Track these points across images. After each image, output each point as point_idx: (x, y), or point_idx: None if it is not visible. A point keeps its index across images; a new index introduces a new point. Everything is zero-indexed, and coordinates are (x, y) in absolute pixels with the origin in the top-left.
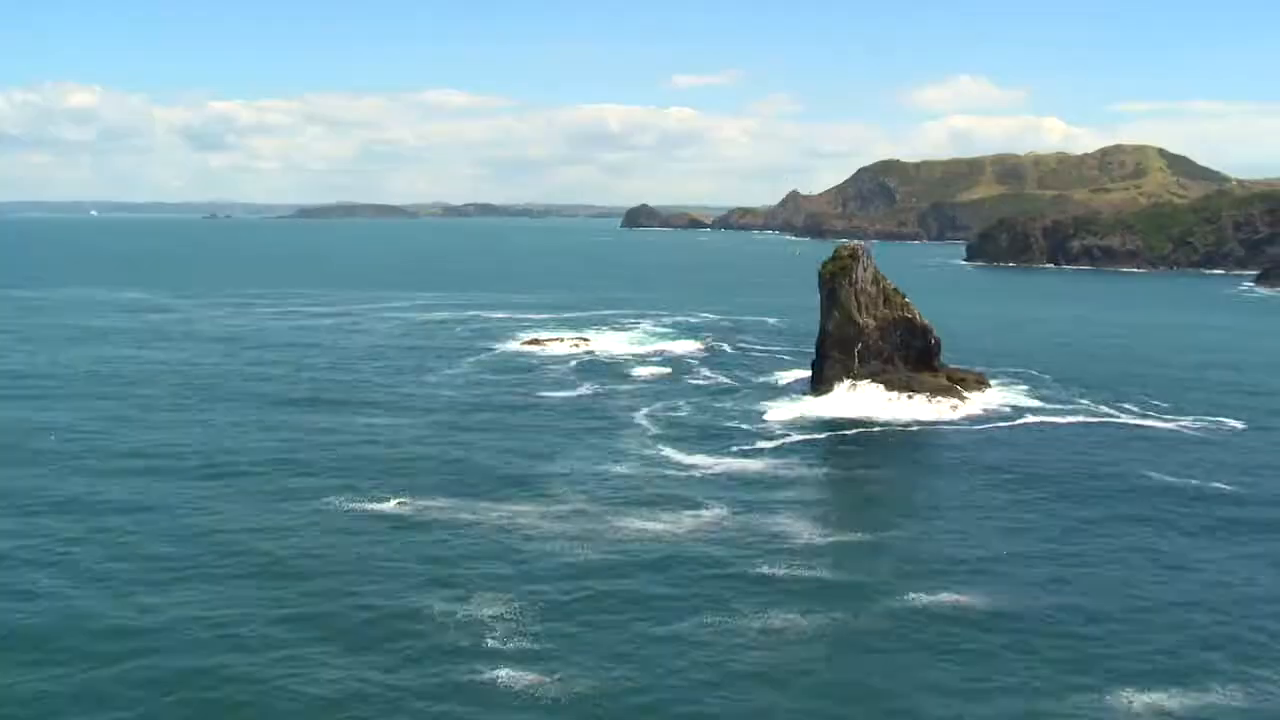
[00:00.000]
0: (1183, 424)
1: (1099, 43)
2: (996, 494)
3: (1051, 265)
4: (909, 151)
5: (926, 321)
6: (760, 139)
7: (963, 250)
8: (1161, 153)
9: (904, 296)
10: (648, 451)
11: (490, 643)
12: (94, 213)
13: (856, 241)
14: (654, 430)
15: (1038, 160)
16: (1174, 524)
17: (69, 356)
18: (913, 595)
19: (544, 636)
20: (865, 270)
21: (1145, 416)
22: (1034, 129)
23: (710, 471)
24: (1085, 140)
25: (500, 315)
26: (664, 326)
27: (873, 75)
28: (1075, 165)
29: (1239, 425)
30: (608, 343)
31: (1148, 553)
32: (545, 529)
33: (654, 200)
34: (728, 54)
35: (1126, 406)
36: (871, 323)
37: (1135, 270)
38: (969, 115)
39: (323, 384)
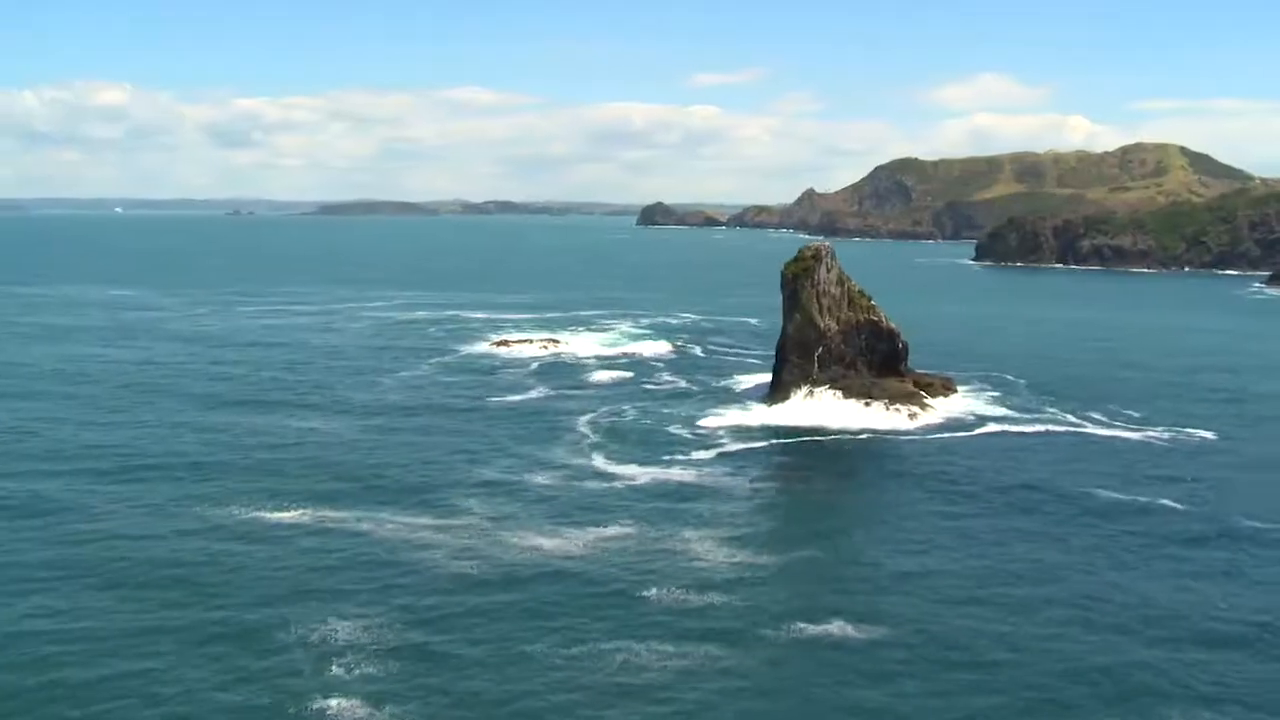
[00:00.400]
0: (1150, 435)
1: (1124, 41)
2: (926, 509)
3: (1061, 265)
4: (930, 150)
5: (894, 325)
6: (782, 137)
7: (972, 250)
8: (1183, 151)
9: (870, 299)
10: (576, 461)
11: (335, 669)
12: (119, 210)
13: (820, 241)
14: (591, 437)
15: (1057, 159)
16: (1102, 546)
17: (31, 354)
18: (800, 625)
19: (391, 661)
20: (829, 271)
21: (1112, 426)
22: (1058, 127)
23: (633, 483)
24: (1109, 139)
25: (481, 315)
26: (642, 328)
27: (896, 73)
28: (1095, 163)
29: (1209, 436)
30: (578, 344)
31: (1065, 575)
32: (437, 543)
33: (676, 198)
34: (750, 52)
35: (1094, 416)
36: (834, 326)
37: (1146, 270)
38: (992, 113)
39: (273, 384)
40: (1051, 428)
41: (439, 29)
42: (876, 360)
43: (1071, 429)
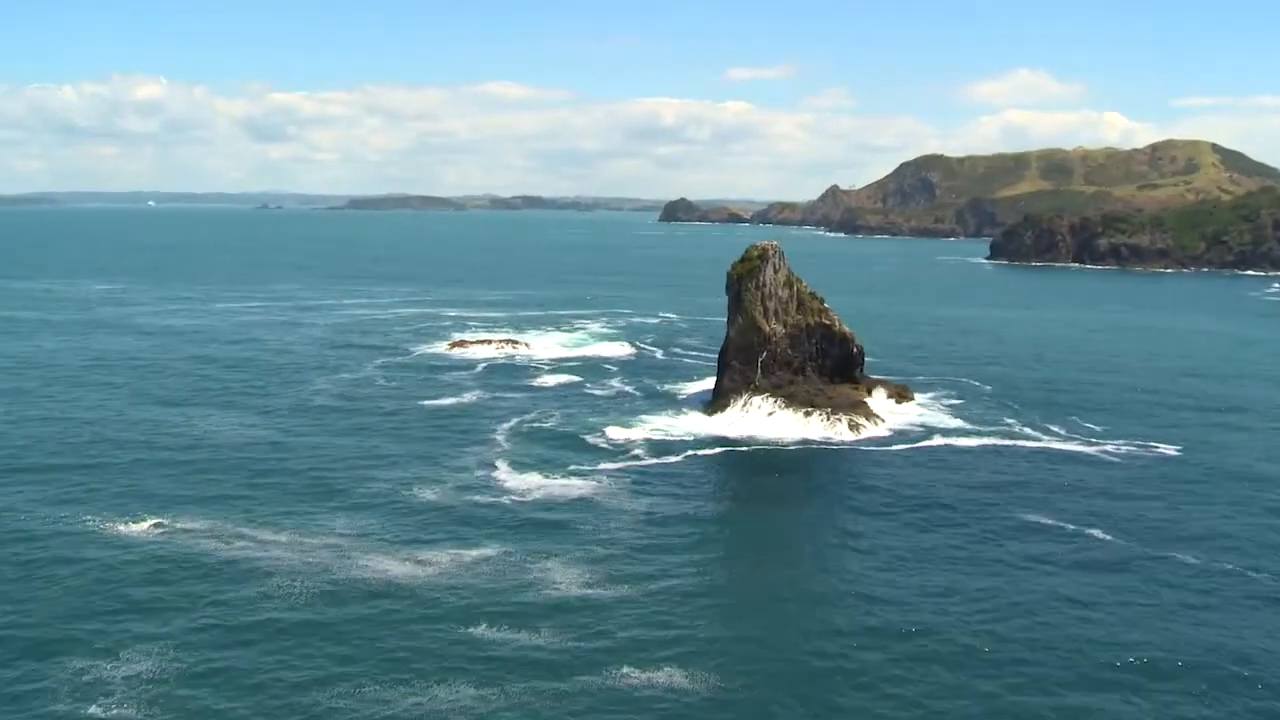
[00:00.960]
0: (1107, 449)
1: (1164, 37)
2: (826, 531)
3: (1076, 265)
4: (963, 147)
5: (847, 329)
6: (814, 134)
7: (988, 248)
8: (1215, 148)
9: (822, 301)
10: (477, 471)
11: (93, 709)
12: (152, 203)
13: (768, 241)
14: (503, 445)
15: (1085, 155)
16: (1001, 574)
17: None
18: (626, 670)
19: (161, 704)
20: (776, 272)
21: (1069, 440)
22: (1093, 124)
23: (523, 498)
24: (1145, 136)
25: (456, 313)
26: (615, 328)
27: (930, 69)
28: (1124, 161)
29: (1171, 451)
30: (539, 345)
31: (945, 607)
32: (280, 564)
33: (707, 194)
34: (784, 47)
35: (1053, 428)
36: (780, 330)
37: (1164, 270)
38: (1026, 110)
39: (207, 381)
40: (1000, 441)
41: (473, 24)
42: (828, 366)
43: (1023, 443)
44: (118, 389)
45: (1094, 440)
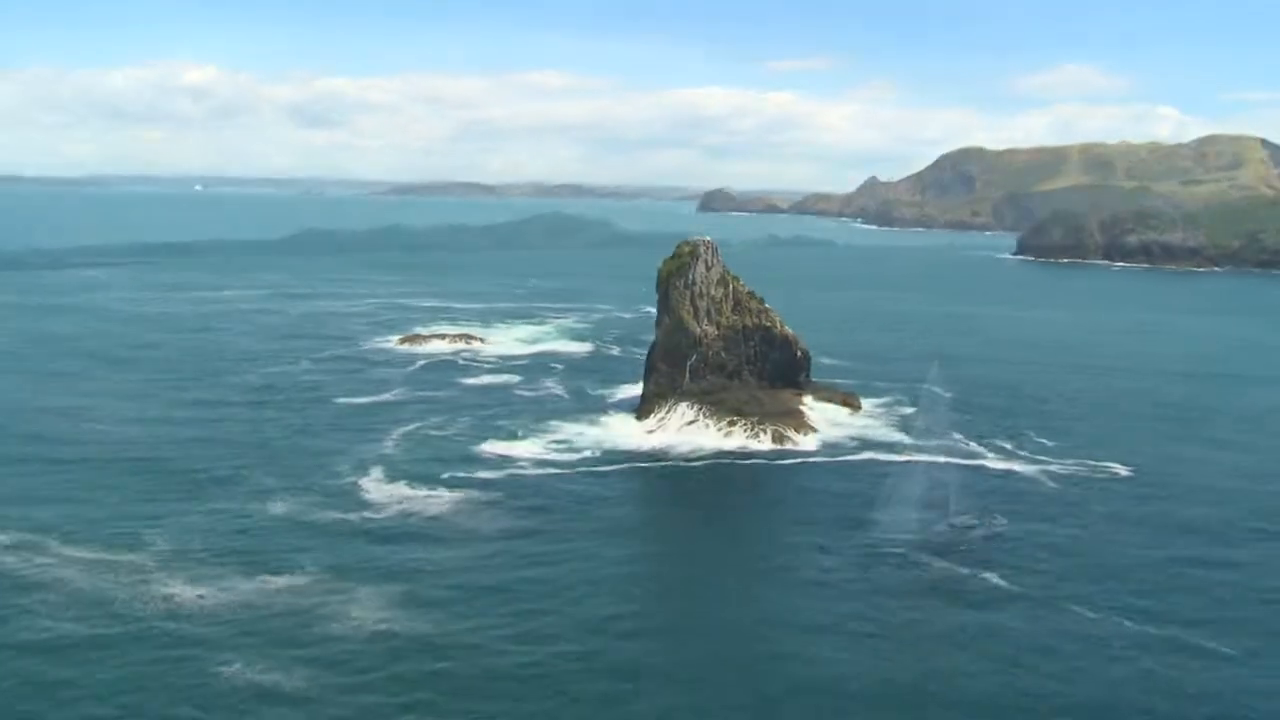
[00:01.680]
0: (1049, 469)
1: (1222, 30)
2: (666, 561)
3: (1105, 262)
4: (1009, 140)
5: (790, 331)
6: (859, 125)
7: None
8: (1264, 143)
9: (762, 301)
10: (346, 479)
11: None
12: (198, 188)
13: (700, 237)
14: (389, 451)
15: (1128, 150)
16: (829, 637)
17: None
18: None
19: None
20: (709, 270)
21: (1012, 457)
22: (1144, 117)
23: (378, 513)
24: (1197, 130)
25: (432, 304)
26: (584, 322)
27: (978, 61)
28: (1167, 156)
29: (1121, 471)
30: (496, 341)
31: (738, 653)
32: (66, 585)
33: (753, 184)
34: (831, 38)
35: (999, 443)
36: (712, 331)
37: (1195, 269)
38: (1076, 104)
39: (134, 370)
40: (934, 459)
41: (518, 12)
42: (769, 370)
43: (958, 460)
44: (34, 375)
45: (1039, 458)
